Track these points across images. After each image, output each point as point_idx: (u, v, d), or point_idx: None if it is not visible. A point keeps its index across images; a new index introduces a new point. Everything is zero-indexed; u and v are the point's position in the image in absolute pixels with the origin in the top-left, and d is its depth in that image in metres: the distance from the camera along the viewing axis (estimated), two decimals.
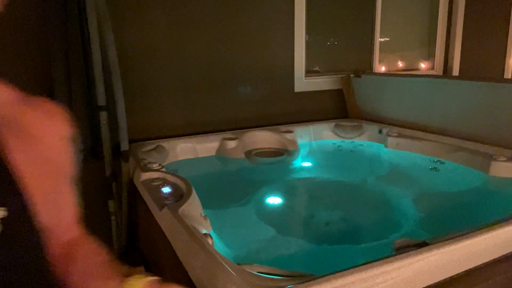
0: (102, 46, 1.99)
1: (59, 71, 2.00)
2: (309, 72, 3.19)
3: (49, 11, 2.00)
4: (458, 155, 2.29)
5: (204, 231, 1.35)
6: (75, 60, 2.01)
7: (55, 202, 0.63)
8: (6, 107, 0.55)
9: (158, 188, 1.69)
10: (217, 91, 2.79)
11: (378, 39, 3.50)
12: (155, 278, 0.69)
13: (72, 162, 0.66)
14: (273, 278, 1.04)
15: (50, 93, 2.04)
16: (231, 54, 2.79)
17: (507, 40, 4.20)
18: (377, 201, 2.16)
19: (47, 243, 0.59)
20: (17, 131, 0.55)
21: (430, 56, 3.93)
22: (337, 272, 1.01)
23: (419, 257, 1.10)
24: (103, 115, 2.05)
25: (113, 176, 2.15)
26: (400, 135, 2.67)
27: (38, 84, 2.08)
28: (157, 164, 1.94)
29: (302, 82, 3.10)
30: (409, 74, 3.57)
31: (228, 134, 2.66)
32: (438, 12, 3.81)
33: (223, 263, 1.07)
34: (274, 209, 2.11)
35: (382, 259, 1.07)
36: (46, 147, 0.59)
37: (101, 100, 2.03)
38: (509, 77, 4.29)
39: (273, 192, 2.26)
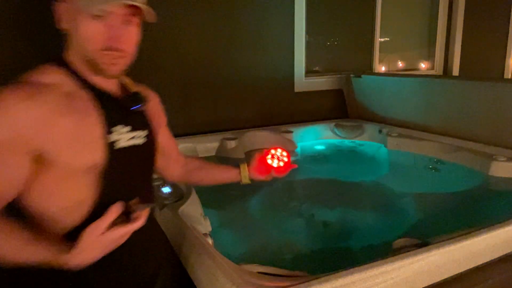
0: None
1: None
2: (309, 72, 3.19)
3: (49, 11, 2.00)
4: (458, 155, 2.29)
5: (204, 231, 1.35)
6: None
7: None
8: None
9: (158, 188, 1.69)
10: (217, 91, 2.79)
11: (378, 39, 3.50)
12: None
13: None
14: (273, 278, 1.04)
15: None
16: (231, 54, 2.79)
17: (507, 40, 4.20)
18: (377, 201, 2.16)
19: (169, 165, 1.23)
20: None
21: (430, 56, 3.93)
22: (337, 272, 1.01)
23: (419, 257, 1.10)
24: None
25: None
26: (400, 135, 2.67)
27: None
28: None
29: (302, 82, 3.10)
30: (409, 74, 3.58)
31: (228, 134, 2.65)
32: (438, 12, 3.81)
33: (223, 263, 1.07)
34: (274, 209, 2.11)
35: (382, 259, 1.07)
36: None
37: None
38: (509, 77, 4.29)
39: (273, 192, 2.26)
